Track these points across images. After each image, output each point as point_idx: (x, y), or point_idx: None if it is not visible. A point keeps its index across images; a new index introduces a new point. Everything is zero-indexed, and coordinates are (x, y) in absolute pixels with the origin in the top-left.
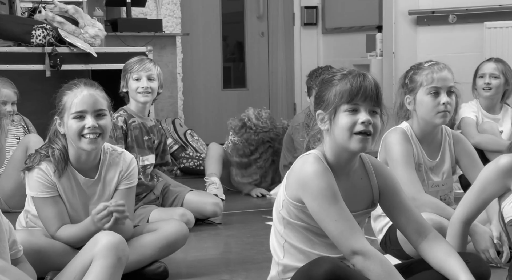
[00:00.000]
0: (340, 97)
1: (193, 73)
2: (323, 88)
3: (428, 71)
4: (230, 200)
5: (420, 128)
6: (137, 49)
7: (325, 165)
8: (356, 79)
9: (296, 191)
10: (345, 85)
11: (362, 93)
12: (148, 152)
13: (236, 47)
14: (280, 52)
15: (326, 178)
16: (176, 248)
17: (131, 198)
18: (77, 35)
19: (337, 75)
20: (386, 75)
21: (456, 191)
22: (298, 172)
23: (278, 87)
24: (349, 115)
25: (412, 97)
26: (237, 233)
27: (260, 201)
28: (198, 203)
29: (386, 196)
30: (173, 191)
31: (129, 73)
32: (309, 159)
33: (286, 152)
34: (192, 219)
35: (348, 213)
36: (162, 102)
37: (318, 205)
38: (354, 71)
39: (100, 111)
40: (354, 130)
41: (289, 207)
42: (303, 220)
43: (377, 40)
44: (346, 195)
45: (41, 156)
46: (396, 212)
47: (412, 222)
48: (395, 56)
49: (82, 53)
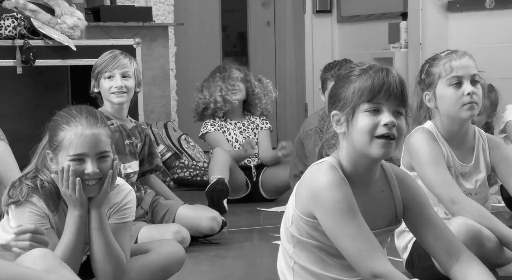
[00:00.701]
0: (360, 95)
1: (188, 69)
2: (339, 85)
3: (445, 60)
4: (231, 214)
5: (445, 127)
6: (123, 41)
7: (340, 174)
8: (378, 75)
9: (308, 204)
10: (366, 81)
11: (385, 91)
12: (131, 158)
13: (238, 39)
14: (289, 45)
15: (341, 190)
16: (170, 274)
17: (123, 236)
18: (53, 26)
19: (356, 70)
20: (412, 70)
21: (496, 205)
22: (310, 183)
23: (286, 85)
24: (369, 115)
25: (432, 92)
26: (239, 254)
27: (267, 217)
28: (192, 218)
29: (411, 210)
30: (163, 205)
31: (101, 71)
32: (322, 168)
33: (297, 160)
34: (187, 237)
35: (367, 230)
36: (153, 103)
37: (332, 221)
38: (375, 66)
39: (103, 153)
40: (375, 133)
41: (300, 223)
42: (316, 238)
43: (401, 29)
44: (365, 209)
45: (29, 188)
46: (422, 229)
47: (442, 241)
48: (422, 48)
49: (59, 46)
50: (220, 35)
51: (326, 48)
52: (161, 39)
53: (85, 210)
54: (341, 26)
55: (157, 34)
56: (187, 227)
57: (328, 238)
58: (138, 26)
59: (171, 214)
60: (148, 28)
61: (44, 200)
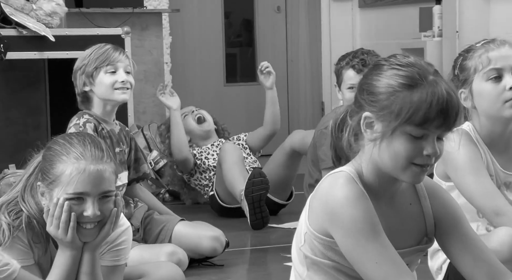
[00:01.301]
0: (410, 115)
1: (186, 63)
2: (378, 79)
3: (481, 50)
4: (237, 231)
5: (486, 129)
6: (109, 31)
7: (359, 187)
8: (439, 97)
9: (322, 222)
10: (422, 100)
11: (441, 119)
12: (121, 169)
13: (243, 27)
14: (303, 33)
15: (362, 206)
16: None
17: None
18: (28, 13)
19: (406, 70)
20: (447, 63)
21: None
22: (325, 198)
23: (300, 80)
24: (413, 141)
25: (467, 89)
26: (246, 278)
27: (278, 234)
28: (191, 237)
29: (444, 227)
30: (157, 221)
31: (100, 64)
32: (339, 181)
33: (312, 167)
34: (185, 260)
35: (392, 251)
36: (144, 102)
37: (352, 243)
38: (430, 72)
39: (107, 193)
40: (414, 161)
41: (313, 242)
42: (332, 259)
43: (434, 15)
44: (390, 226)
45: (11, 228)
46: (458, 249)
47: (482, 263)
48: (459, 36)
49: (35, 36)
50: (223, 23)
51: (346, 38)
52: (154, 28)
53: (79, 252)
54: (364, 11)
55: (149, 22)
56: (186, 248)
57: (346, 259)
58: (127, 13)
59: (167, 232)
60: (139, 15)
61: (30, 239)
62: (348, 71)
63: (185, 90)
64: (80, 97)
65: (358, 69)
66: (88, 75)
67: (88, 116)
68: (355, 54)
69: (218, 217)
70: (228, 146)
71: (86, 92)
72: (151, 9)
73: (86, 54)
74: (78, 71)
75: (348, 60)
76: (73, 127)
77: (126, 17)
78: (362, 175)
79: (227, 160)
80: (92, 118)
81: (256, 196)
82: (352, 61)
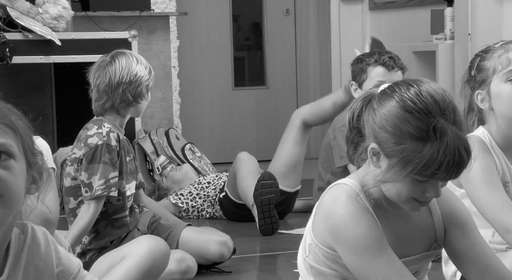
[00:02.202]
0: (419, 169)
1: (194, 67)
2: (384, 121)
3: (501, 51)
4: (245, 237)
5: (503, 133)
6: (116, 34)
7: (362, 203)
8: (452, 154)
9: (326, 236)
10: (434, 157)
11: (452, 174)
12: (131, 179)
13: (252, 30)
14: (312, 36)
15: (364, 222)
16: (158, 273)
17: None
18: (34, 16)
19: (418, 117)
20: (459, 65)
21: None
22: (326, 213)
23: (309, 84)
24: (417, 184)
25: (485, 91)
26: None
27: (287, 240)
28: (198, 242)
29: (454, 233)
30: (164, 226)
31: (150, 83)
32: (341, 197)
33: (323, 171)
34: (194, 266)
35: (399, 264)
36: (152, 107)
37: (357, 259)
38: (439, 124)
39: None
40: (416, 197)
41: (317, 253)
42: (337, 270)
43: (446, 17)
44: (398, 234)
45: None
46: (467, 256)
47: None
48: (472, 39)
49: (41, 40)
50: (231, 26)
51: (356, 41)
52: (161, 31)
53: None
54: (374, 14)
55: (157, 26)
56: (193, 253)
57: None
58: (133, 16)
59: (174, 237)
60: (146, 19)
61: None
62: (377, 68)
63: (192, 94)
64: (124, 107)
65: (391, 65)
66: (143, 93)
67: (107, 125)
68: (380, 53)
69: (226, 223)
70: (243, 155)
71: (133, 102)
72: (159, 13)
73: (143, 69)
74: (140, 85)
75: (377, 57)
76: (96, 136)
77: (133, 20)
78: (367, 186)
79: (242, 169)
80: (112, 127)
81: (265, 200)
82: (382, 58)
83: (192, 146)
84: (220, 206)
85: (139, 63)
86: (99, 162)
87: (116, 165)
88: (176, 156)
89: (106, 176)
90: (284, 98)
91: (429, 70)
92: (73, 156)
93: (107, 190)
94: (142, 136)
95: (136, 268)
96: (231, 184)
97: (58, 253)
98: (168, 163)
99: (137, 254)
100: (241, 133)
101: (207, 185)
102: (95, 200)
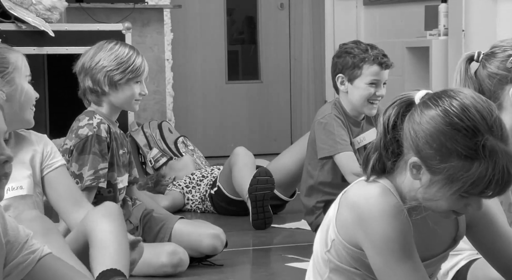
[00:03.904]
0: (466, 189)
1: (187, 60)
2: (429, 137)
3: None
4: (237, 230)
5: None
6: (110, 26)
7: (397, 201)
8: (501, 174)
9: (353, 233)
10: (483, 175)
11: (499, 193)
12: (124, 171)
13: (246, 24)
14: (306, 31)
15: (396, 223)
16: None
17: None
18: (27, 7)
19: (465, 134)
20: (452, 61)
21: None
22: (357, 209)
23: (303, 78)
24: (460, 199)
25: None
26: (246, 279)
27: (279, 234)
28: (191, 235)
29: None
30: (157, 219)
31: (138, 74)
32: (374, 191)
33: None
34: (186, 259)
35: (422, 273)
36: (145, 99)
37: (382, 261)
38: (488, 142)
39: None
40: (457, 210)
41: (341, 250)
42: (358, 269)
43: (440, 13)
44: (423, 238)
45: None
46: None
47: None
48: (465, 35)
49: (34, 31)
50: (225, 20)
51: (350, 36)
52: (155, 24)
53: None
54: (368, 9)
55: (151, 18)
56: (185, 246)
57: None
58: (128, 8)
59: (167, 230)
60: (140, 11)
61: None
62: (373, 67)
63: (186, 87)
64: (93, 96)
65: (385, 65)
66: (112, 82)
67: (99, 117)
68: (372, 48)
69: (217, 217)
70: (240, 150)
71: (99, 91)
72: (153, 5)
73: (108, 57)
74: (98, 72)
75: (374, 56)
76: (86, 127)
77: (127, 12)
78: (399, 188)
79: (238, 162)
80: (103, 118)
81: (260, 195)
82: (379, 58)
83: (185, 139)
84: (211, 202)
85: (111, 52)
86: (89, 153)
87: (106, 157)
88: (169, 149)
89: (95, 166)
90: (277, 92)
91: (423, 66)
92: (65, 147)
93: (96, 181)
94: (135, 128)
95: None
96: (225, 178)
97: (5, 225)
98: (161, 156)
99: (100, 230)
100: (234, 126)
101: (201, 178)
102: (86, 191)
